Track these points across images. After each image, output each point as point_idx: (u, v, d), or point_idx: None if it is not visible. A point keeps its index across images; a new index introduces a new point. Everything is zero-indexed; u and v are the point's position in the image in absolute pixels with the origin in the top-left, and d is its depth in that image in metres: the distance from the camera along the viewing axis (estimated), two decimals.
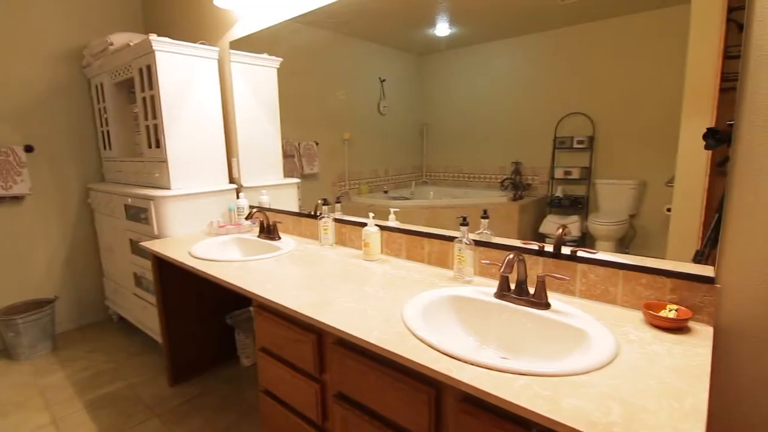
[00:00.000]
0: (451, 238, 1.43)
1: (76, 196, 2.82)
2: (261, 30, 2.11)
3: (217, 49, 2.31)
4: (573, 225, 1.30)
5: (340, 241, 1.85)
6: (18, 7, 2.51)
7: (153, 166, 2.25)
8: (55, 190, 2.73)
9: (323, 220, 1.80)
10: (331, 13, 1.82)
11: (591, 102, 1.26)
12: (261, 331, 1.37)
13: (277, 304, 1.22)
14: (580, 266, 1.17)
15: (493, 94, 1.52)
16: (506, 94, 1.49)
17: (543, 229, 1.38)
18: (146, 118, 2.26)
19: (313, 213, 2.00)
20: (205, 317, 2.22)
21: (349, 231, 1.81)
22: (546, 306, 1.07)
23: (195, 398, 2.04)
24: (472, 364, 0.85)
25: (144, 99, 2.24)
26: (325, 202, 1.82)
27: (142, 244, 1.99)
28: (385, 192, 1.96)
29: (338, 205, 1.89)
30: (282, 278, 1.43)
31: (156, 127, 2.19)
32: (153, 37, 2.05)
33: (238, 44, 2.27)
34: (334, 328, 1.05)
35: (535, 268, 1.24)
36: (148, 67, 2.15)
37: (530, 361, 1.01)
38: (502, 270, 1.04)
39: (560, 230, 1.20)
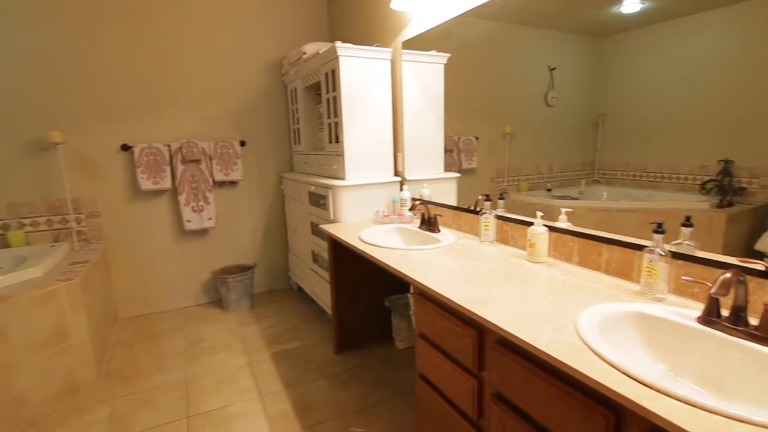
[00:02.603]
0: (639, 247, 1.24)
1: (273, 183, 3.39)
2: (433, 27, 2.17)
3: (390, 50, 2.47)
4: None
5: (502, 239, 1.80)
6: (240, 28, 3.11)
7: (332, 159, 2.54)
8: (258, 177, 3.33)
9: (484, 216, 1.77)
10: (506, 2, 1.76)
11: None
12: (420, 318, 1.44)
13: (439, 294, 1.25)
14: None
15: (695, 78, 1.25)
16: (714, 76, 1.20)
17: (761, 245, 1.09)
18: (329, 117, 2.56)
19: (473, 208, 1.98)
20: (367, 297, 2.43)
21: (511, 229, 1.74)
22: None
23: (355, 368, 2.26)
24: (667, 395, 0.73)
25: (328, 100, 2.55)
26: (487, 198, 1.78)
27: (321, 226, 2.28)
28: (548, 190, 1.82)
29: (501, 202, 1.84)
30: (442, 270, 1.46)
31: (336, 124, 2.47)
32: (338, 44, 2.30)
33: (409, 44, 2.38)
34: (497, 326, 1.03)
35: (760, 293, 1.00)
36: (333, 72, 2.42)
37: (748, 407, 0.81)
38: (714, 291, 0.86)
39: None
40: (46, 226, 2.74)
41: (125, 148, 2.87)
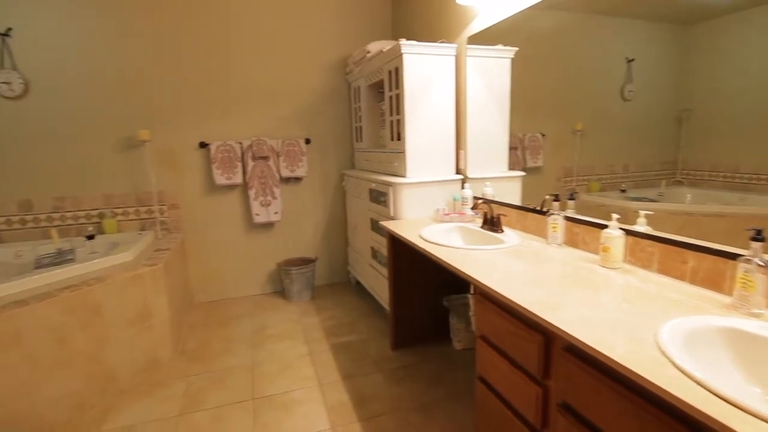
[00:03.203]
0: (733, 255, 1.12)
1: (334, 179, 3.48)
2: (500, 21, 2.11)
3: (455, 45, 2.43)
4: None
5: (571, 241, 1.71)
6: (307, 31, 3.22)
7: (393, 156, 2.56)
8: (320, 174, 3.44)
9: (552, 216, 1.70)
10: None
11: None
12: (481, 319, 1.41)
13: (503, 296, 1.22)
14: None
15: None
16: None
17: None
18: (391, 114, 2.58)
19: (539, 208, 1.90)
20: (425, 295, 2.42)
21: (582, 232, 1.65)
22: None
23: (411, 366, 2.27)
24: (762, 420, 0.66)
25: (390, 97, 2.57)
26: (556, 198, 1.70)
27: (381, 223, 2.31)
28: (622, 191, 1.70)
29: (571, 202, 1.75)
30: (506, 271, 1.42)
31: (398, 122, 2.48)
32: (402, 41, 2.30)
33: (475, 38, 2.32)
34: (567, 333, 0.98)
35: None
36: (396, 69, 2.43)
37: None
38: None
39: None
40: (134, 216, 3.03)
41: (203, 145, 3.09)
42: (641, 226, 1.40)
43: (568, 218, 1.71)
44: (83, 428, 1.87)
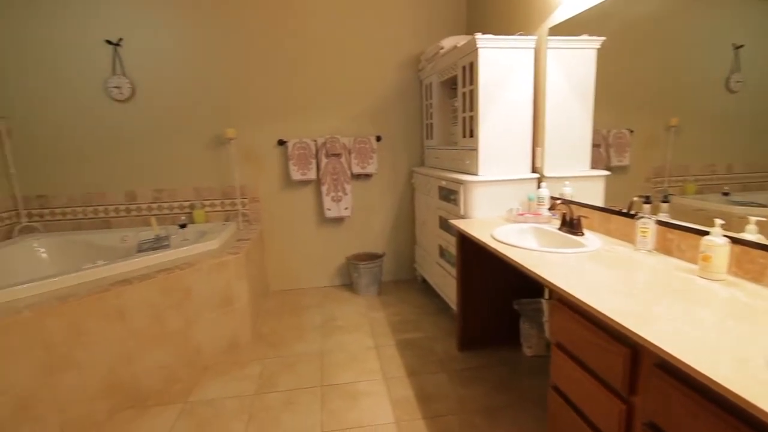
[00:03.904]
0: None
1: (403, 177, 3.50)
2: (586, 10, 1.97)
3: (534, 37, 2.32)
4: None
5: (663, 248, 1.56)
6: (380, 31, 3.26)
7: (465, 153, 2.51)
8: (390, 171, 3.48)
9: (642, 220, 1.56)
10: None
11: None
12: (558, 326, 1.33)
13: (584, 303, 1.14)
14: None
15: None
16: None
17: None
18: (464, 111, 2.53)
19: (626, 211, 1.76)
20: (494, 297, 2.35)
21: (678, 238, 1.50)
22: None
23: (478, 368, 2.22)
24: None
25: (464, 93, 2.52)
26: (647, 200, 1.56)
27: (451, 221, 2.28)
28: (725, 194, 1.50)
29: (664, 206, 1.59)
30: (587, 277, 1.33)
31: (471, 118, 2.43)
32: (478, 35, 2.24)
33: (557, 29, 2.20)
34: (660, 349, 0.89)
35: None
36: (471, 65, 2.38)
37: None
38: None
39: None
40: (219, 208, 3.29)
41: (281, 142, 3.27)
42: (752, 234, 1.23)
43: (660, 222, 1.56)
44: (173, 398, 2.07)
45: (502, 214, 2.35)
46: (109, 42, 2.97)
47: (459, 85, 2.58)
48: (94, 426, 1.88)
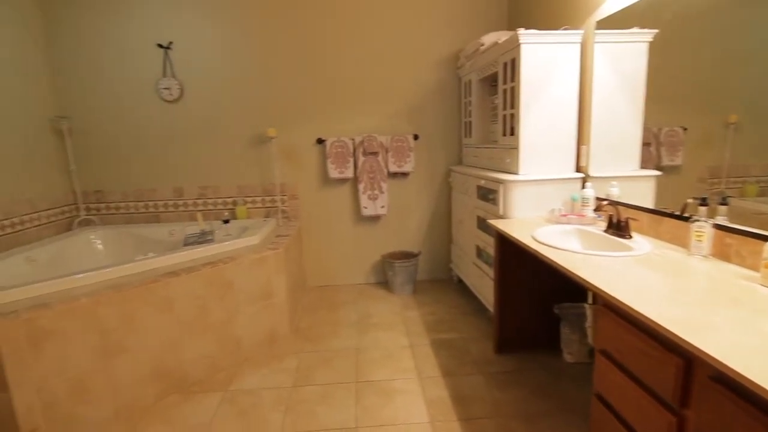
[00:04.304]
0: None
1: (441, 175, 3.47)
2: (637, 2, 1.87)
3: (581, 32, 2.24)
4: None
5: (721, 254, 1.46)
6: (419, 29, 3.25)
7: (505, 152, 2.46)
8: (426, 169, 3.46)
9: (697, 224, 1.46)
10: None
11: None
12: (603, 333, 1.28)
13: (633, 309, 1.09)
14: None
15: None
16: None
17: None
18: (504, 108, 2.47)
19: (679, 213, 1.66)
20: (533, 300, 2.29)
21: (737, 243, 1.40)
22: None
23: (515, 372, 2.17)
24: None
25: (504, 91, 2.46)
26: (703, 202, 1.46)
27: (489, 221, 2.23)
28: None
29: (723, 208, 1.49)
30: (636, 282, 1.27)
31: (512, 116, 2.37)
32: (521, 31, 2.19)
33: (605, 23, 2.10)
34: (717, 360, 0.84)
35: None
36: (513, 61, 2.32)
37: None
38: None
39: None
40: (260, 204, 3.39)
41: (319, 141, 3.32)
42: None
43: (718, 226, 1.46)
44: (215, 386, 2.16)
45: (543, 215, 2.28)
46: (160, 45, 3.12)
47: (499, 82, 2.52)
48: (143, 409, 1.99)
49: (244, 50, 3.19)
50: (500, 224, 2.13)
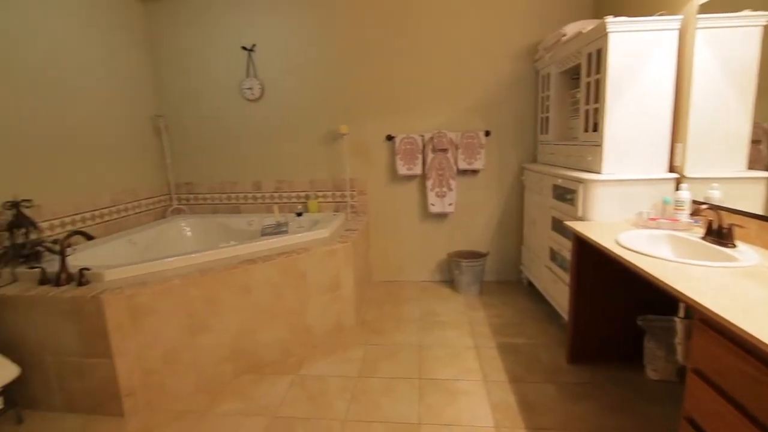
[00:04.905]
0: None
1: (512, 173, 3.34)
2: None
3: (680, 17, 2.02)
4: None
5: None
6: (493, 17, 3.14)
7: (586, 149, 2.30)
8: (497, 167, 3.35)
9: None
10: None
11: None
12: (700, 351, 1.15)
13: (741, 329, 0.96)
14: None
15: None
16: None
17: None
18: (587, 103, 2.32)
19: None
20: (612, 310, 2.13)
21: None
22: None
23: (590, 384, 2.04)
24: None
25: (588, 84, 2.30)
26: None
27: (567, 223, 2.11)
28: None
29: None
30: (742, 298, 1.12)
31: (596, 110, 2.21)
32: (609, 19, 2.03)
33: (709, 6, 1.88)
34: None
35: None
36: (598, 51, 2.16)
37: None
38: None
39: None
40: (330, 199, 3.51)
41: (389, 138, 3.35)
42: None
43: None
44: (286, 369, 2.28)
45: (628, 218, 2.11)
46: (244, 48, 3.34)
47: (582, 75, 2.36)
48: (221, 385, 2.16)
49: (320, 49, 3.30)
50: (579, 226, 2.00)
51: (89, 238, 2.14)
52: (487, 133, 3.26)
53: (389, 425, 1.82)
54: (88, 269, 1.99)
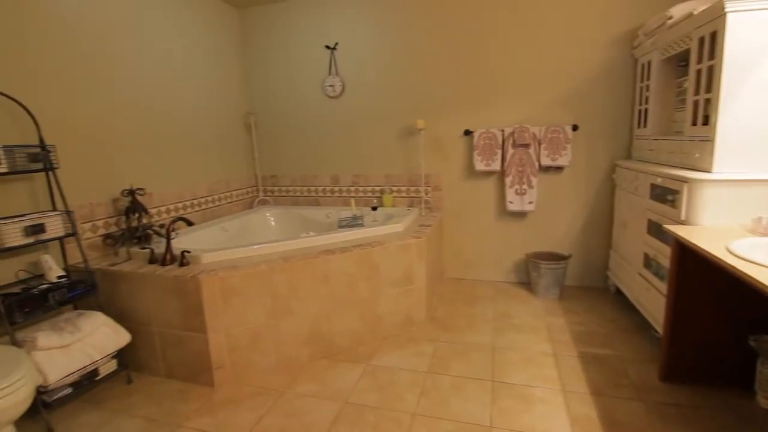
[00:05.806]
0: None
1: (602, 170, 3.09)
2: None
3: None
4: None
5: None
6: (584, 3, 2.90)
7: (693, 145, 2.06)
8: (585, 163, 3.12)
9: None
10: None
11: None
12: None
13: None
14: None
15: None
16: None
17: None
18: (696, 93, 2.06)
19: None
20: (718, 326, 1.89)
21: None
22: None
23: (684, 406, 1.83)
24: None
25: (698, 71, 2.05)
26: None
27: (666, 227, 1.90)
28: None
29: None
30: None
31: (707, 101, 1.96)
32: None
33: None
34: None
35: None
36: (713, 35, 1.91)
37: None
38: None
39: None
40: (405, 194, 3.53)
41: (467, 133, 3.28)
42: None
43: None
44: (358, 357, 2.35)
45: (743, 224, 1.84)
46: (327, 47, 3.47)
47: (692, 62, 2.11)
48: (298, 367, 2.29)
49: (399, 44, 3.32)
50: (681, 231, 1.80)
51: (190, 224, 2.37)
52: (575, 128, 3.05)
53: (459, 424, 1.79)
54: (188, 252, 2.22)
